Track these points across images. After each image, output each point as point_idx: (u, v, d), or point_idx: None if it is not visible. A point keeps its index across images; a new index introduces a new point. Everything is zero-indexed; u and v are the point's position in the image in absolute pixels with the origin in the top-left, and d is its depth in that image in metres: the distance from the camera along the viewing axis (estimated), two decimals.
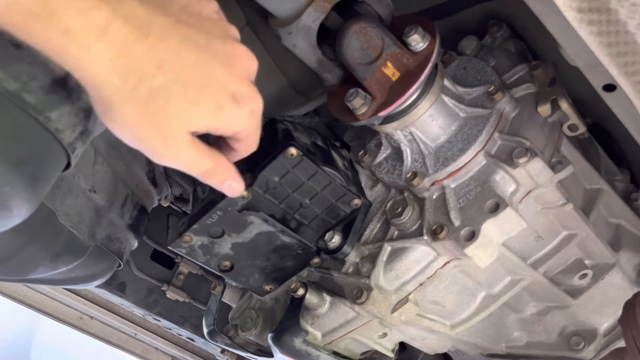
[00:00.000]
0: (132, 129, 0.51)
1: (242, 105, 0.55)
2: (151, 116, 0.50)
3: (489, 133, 0.87)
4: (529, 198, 0.86)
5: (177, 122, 0.52)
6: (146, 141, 0.52)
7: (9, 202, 0.58)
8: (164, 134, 0.51)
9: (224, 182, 0.59)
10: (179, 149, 0.53)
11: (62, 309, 1.79)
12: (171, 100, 0.50)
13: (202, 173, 0.56)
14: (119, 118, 0.50)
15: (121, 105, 0.49)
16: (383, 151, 0.97)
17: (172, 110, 0.51)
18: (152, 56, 0.49)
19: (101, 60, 0.47)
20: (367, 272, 0.89)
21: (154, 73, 0.49)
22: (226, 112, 0.54)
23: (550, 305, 1.03)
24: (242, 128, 0.56)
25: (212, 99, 0.53)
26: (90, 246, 0.95)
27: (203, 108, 0.52)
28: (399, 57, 0.81)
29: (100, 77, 0.47)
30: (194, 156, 0.54)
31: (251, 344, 1.04)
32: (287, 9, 0.77)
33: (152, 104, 0.50)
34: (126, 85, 0.48)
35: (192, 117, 0.52)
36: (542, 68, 0.91)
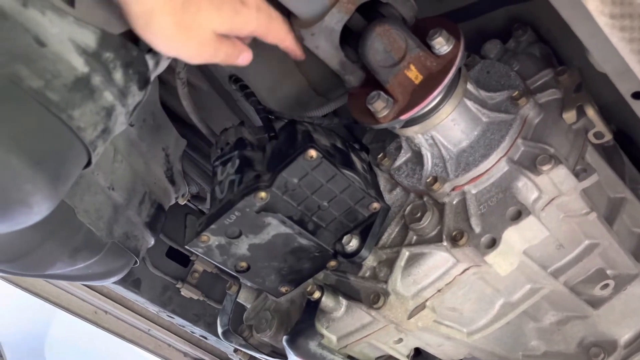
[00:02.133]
0: (171, 38, 0.60)
1: (249, 5, 0.66)
2: (186, 23, 0.59)
3: (512, 139, 0.86)
4: (552, 206, 0.85)
5: (207, 26, 0.62)
6: (184, 46, 0.62)
7: (30, 200, 0.58)
8: (197, 38, 0.62)
9: (239, 56, 0.70)
10: (208, 48, 0.64)
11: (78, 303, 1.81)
12: (202, 7, 0.60)
13: (223, 59, 0.68)
14: (159, 29, 0.58)
15: (161, 16, 0.57)
16: (403, 154, 0.96)
17: (203, 16, 0.61)
18: None
19: None
20: (385, 277, 0.88)
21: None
22: (241, 15, 0.65)
23: (570, 314, 1.01)
24: (256, 26, 0.68)
25: (229, 3, 0.63)
26: (107, 243, 0.96)
27: (224, 12, 0.63)
28: (422, 60, 0.80)
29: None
30: (220, 52, 0.66)
31: (265, 345, 1.04)
32: (310, 10, 0.76)
33: (187, 12, 0.59)
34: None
35: (217, 20, 0.63)
36: (568, 73, 0.89)
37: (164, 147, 1.08)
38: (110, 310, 1.80)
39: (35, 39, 0.55)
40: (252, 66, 1.12)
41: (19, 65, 0.54)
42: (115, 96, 0.64)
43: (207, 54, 0.65)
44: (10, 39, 0.54)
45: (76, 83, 0.58)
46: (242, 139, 0.96)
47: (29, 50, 0.55)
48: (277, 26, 0.72)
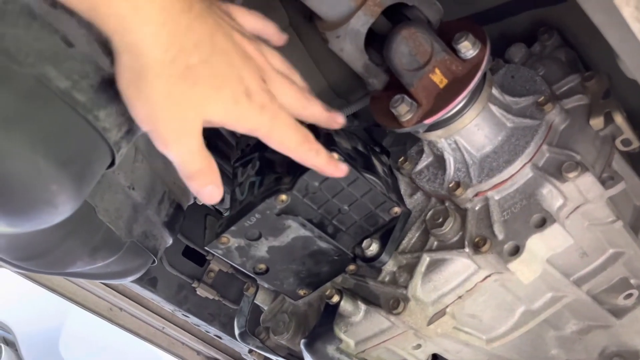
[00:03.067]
0: (154, 105, 0.50)
1: (253, 100, 0.54)
2: (178, 94, 0.49)
3: (537, 145, 0.85)
4: (577, 214, 0.84)
5: (199, 107, 0.51)
6: (161, 121, 0.50)
7: (55, 200, 0.58)
8: (182, 117, 0.51)
9: (206, 186, 0.56)
10: (187, 138, 0.52)
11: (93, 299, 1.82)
12: (199, 82, 0.50)
13: (191, 172, 0.55)
14: (146, 91, 0.49)
15: (155, 77, 0.48)
16: (424, 159, 0.95)
17: (198, 93, 0.50)
18: (192, 32, 0.49)
19: (149, 23, 0.46)
20: (405, 282, 0.87)
21: (192, 50, 0.49)
22: (240, 107, 0.54)
23: (592, 324, 1.00)
24: (254, 125, 0.56)
25: (231, 89, 0.53)
26: (126, 242, 0.96)
27: (222, 97, 0.52)
28: (447, 64, 0.79)
29: (143, 43, 0.46)
30: (195, 151, 0.53)
31: (282, 348, 1.03)
32: (336, 12, 0.76)
33: (183, 82, 0.49)
34: (166, 57, 0.48)
35: (212, 104, 0.52)
36: (595, 79, 0.87)
37: None
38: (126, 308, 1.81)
39: (64, 39, 0.55)
40: None
41: (47, 65, 0.54)
42: None
43: (181, 146, 0.52)
44: (39, 39, 0.54)
45: (102, 84, 0.58)
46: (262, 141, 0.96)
47: (57, 51, 0.55)
48: (282, 133, 0.59)
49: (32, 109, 0.54)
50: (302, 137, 0.60)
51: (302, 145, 0.61)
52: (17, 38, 0.52)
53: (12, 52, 0.52)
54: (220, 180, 0.57)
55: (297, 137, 0.60)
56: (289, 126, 0.59)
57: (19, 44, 0.52)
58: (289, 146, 0.60)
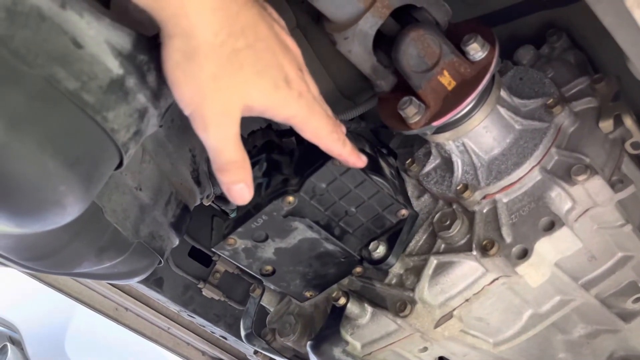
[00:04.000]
0: (200, 85, 0.51)
1: (292, 87, 0.57)
2: (224, 77, 0.51)
3: (545, 147, 0.84)
4: (585, 217, 0.83)
5: (242, 91, 0.53)
6: (206, 102, 0.52)
7: (64, 201, 0.58)
8: (225, 100, 0.52)
9: (238, 183, 0.57)
10: (227, 123, 0.53)
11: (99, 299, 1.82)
12: (244, 66, 0.52)
13: (225, 162, 0.55)
14: (195, 71, 0.51)
15: (204, 58, 0.50)
16: (432, 161, 0.94)
17: (242, 77, 0.52)
18: (241, 18, 0.51)
19: (204, 8, 0.49)
20: (412, 284, 0.87)
21: (239, 35, 0.51)
22: (280, 94, 0.56)
23: (600, 328, 0.99)
24: (292, 112, 0.58)
25: (272, 76, 0.55)
26: (133, 243, 0.96)
27: (264, 83, 0.54)
28: (456, 66, 0.79)
29: (197, 26, 0.49)
30: (232, 138, 0.54)
31: (288, 350, 1.03)
32: (345, 13, 0.75)
33: (229, 64, 0.51)
34: (216, 39, 0.50)
35: (254, 89, 0.54)
36: (605, 82, 0.87)
37: (190, 147, 1.08)
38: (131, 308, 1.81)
39: (73, 40, 0.55)
40: None
41: (56, 67, 0.54)
42: (148, 98, 0.63)
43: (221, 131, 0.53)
44: (48, 40, 0.54)
45: (111, 85, 0.58)
46: (269, 141, 0.96)
47: (66, 52, 0.55)
48: (317, 123, 0.61)
49: (41, 110, 0.54)
50: (333, 126, 0.63)
51: (332, 135, 0.63)
52: (27, 39, 0.53)
53: (22, 53, 0.52)
54: (252, 180, 0.58)
55: (329, 127, 0.62)
56: (322, 115, 0.61)
57: (28, 45, 0.52)
58: (321, 134, 0.62)
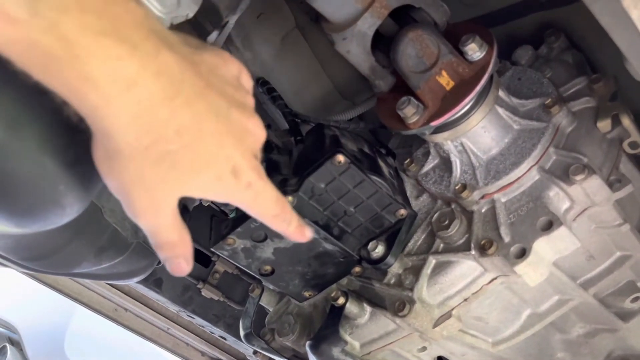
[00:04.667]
0: (126, 185, 0.48)
1: (240, 178, 0.52)
2: (151, 178, 0.47)
3: (544, 147, 0.84)
4: (583, 216, 0.83)
5: (173, 189, 0.49)
6: (133, 198, 0.48)
7: (63, 201, 0.58)
8: (154, 197, 0.48)
9: (175, 259, 0.54)
10: (159, 214, 0.50)
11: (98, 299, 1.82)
12: (177, 166, 0.47)
13: (162, 242, 0.52)
14: (118, 171, 0.47)
15: (127, 160, 0.46)
16: (431, 161, 0.94)
17: (174, 177, 0.48)
18: (174, 120, 0.46)
19: (121, 115, 0.43)
20: (410, 284, 0.87)
21: (172, 137, 0.46)
22: (223, 183, 0.51)
23: (599, 327, 0.99)
24: (237, 200, 0.54)
25: (215, 169, 0.50)
26: (132, 243, 0.96)
27: (204, 178, 0.50)
28: (454, 66, 0.79)
29: (115, 131, 0.44)
30: (167, 224, 0.51)
31: (287, 349, 1.03)
32: (343, 14, 0.75)
33: (157, 166, 0.47)
34: (139, 144, 0.45)
35: (190, 186, 0.49)
36: (603, 82, 0.87)
37: None
38: (131, 308, 1.81)
39: None
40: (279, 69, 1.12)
41: None
42: None
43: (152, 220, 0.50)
44: None
45: None
46: (268, 142, 0.96)
47: None
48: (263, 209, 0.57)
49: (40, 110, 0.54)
50: (280, 208, 0.58)
51: (277, 218, 0.59)
52: None
53: None
54: (191, 254, 0.55)
55: (276, 210, 0.58)
56: (270, 200, 0.57)
57: None
58: (265, 217, 0.58)
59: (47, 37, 0.38)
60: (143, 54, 0.42)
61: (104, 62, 0.41)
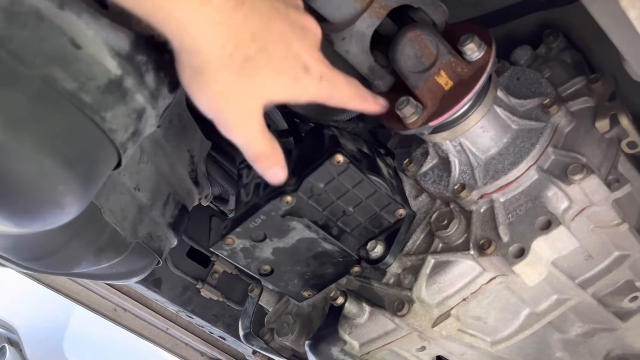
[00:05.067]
0: (216, 97, 0.52)
1: (312, 73, 0.57)
2: (238, 85, 0.52)
3: (542, 147, 0.84)
4: (582, 216, 0.83)
5: (259, 93, 0.54)
6: (225, 110, 0.53)
7: (62, 201, 0.58)
8: (243, 104, 0.53)
9: (271, 168, 0.60)
10: (250, 122, 0.55)
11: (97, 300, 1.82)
12: (258, 70, 0.52)
13: (256, 153, 0.58)
14: (208, 84, 0.52)
15: (215, 71, 0.51)
16: (429, 160, 0.95)
17: (258, 81, 0.53)
18: (248, 25, 0.51)
19: (206, 24, 0.48)
20: (409, 284, 0.87)
21: (248, 42, 0.51)
22: (300, 83, 0.56)
23: (597, 327, 1.00)
24: (315, 95, 0.59)
25: (290, 70, 0.55)
26: (132, 243, 0.96)
27: (283, 79, 0.55)
28: (453, 66, 0.79)
29: (202, 42, 0.49)
30: (258, 133, 0.56)
31: (286, 349, 1.03)
32: (342, 14, 0.76)
33: (242, 72, 0.52)
34: (224, 52, 0.50)
35: (273, 88, 0.55)
36: (601, 81, 0.87)
37: (189, 148, 1.08)
38: (130, 308, 1.81)
39: (71, 41, 0.56)
40: None
41: (54, 67, 0.54)
42: (147, 99, 0.63)
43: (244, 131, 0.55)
44: (46, 41, 0.54)
45: (109, 85, 0.59)
46: None
47: (64, 52, 0.55)
48: (340, 94, 0.63)
49: (39, 110, 0.54)
50: (354, 89, 0.65)
51: (356, 97, 0.66)
52: (25, 40, 0.53)
53: (20, 53, 0.52)
54: (284, 161, 0.61)
55: (350, 92, 0.65)
56: (343, 86, 0.63)
57: (26, 46, 0.53)
58: (344, 102, 0.65)
59: None
60: None
61: None
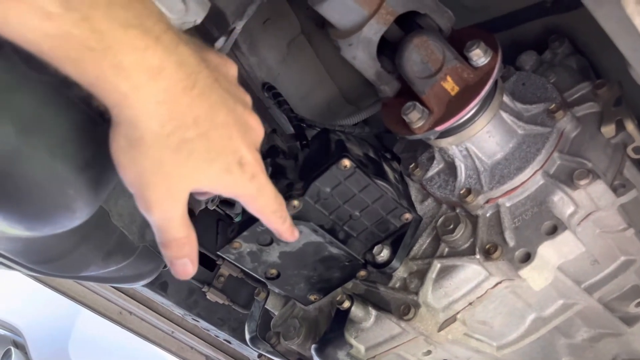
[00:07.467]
0: (145, 172, 0.50)
1: (245, 170, 0.55)
2: (170, 165, 0.49)
3: (548, 152, 0.85)
4: (588, 221, 0.84)
5: (189, 178, 0.51)
6: (150, 187, 0.50)
7: (73, 205, 0.59)
8: (170, 186, 0.50)
9: (181, 258, 0.55)
10: (172, 205, 0.51)
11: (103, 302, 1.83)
12: (193, 155, 0.50)
13: (170, 239, 0.53)
14: (138, 158, 0.49)
15: (149, 147, 0.48)
16: (435, 165, 0.95)
17: (190, 165, 0.50)
18: (193, 110, 0.49)
19: (148, 101, 0.46)
20: (415, 288, 0.88)
21: (190, 125, 0.49)
22: (231, 176, 0.54)
23: (603, 331, 0.99)
24: (242, 192, 0.56)
25: (225, 160, 0.53)
26: (139, 247, 0.97)
27: (215, 169, 0.52)
28: (459, 72, 0.80)
29: (140, 118, 0.47)
30: (178, 218, 0.53)
31: (292, 353, 1.04)
32: (349, 20, 0.76)
33: (176, 154, 0.49)
34: (162, 131, 0.48)
35: (203, 175, 0.52)
36: (607, 87, 0.88)
37: None
38: (135, 311, 1.81)
39: None
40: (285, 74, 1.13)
41: None
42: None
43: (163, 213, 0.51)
44: None
45: None
46: (274, 146, 0.97)
47: None
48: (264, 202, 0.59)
49: (51, 115, 0.55)
50: (278, 205, 0.61)
51: (275, 214, 0.62)
52: None
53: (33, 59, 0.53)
54: (196, 256, 0.56)
55: (274, 206, 0.61)
56: (270, 196, 0.59)
57: None
58: (265, 212, 0.61)
59: (81, 29, 0.41)
60: (165, 45, 0.45)
61: (134, 52, 0.43)
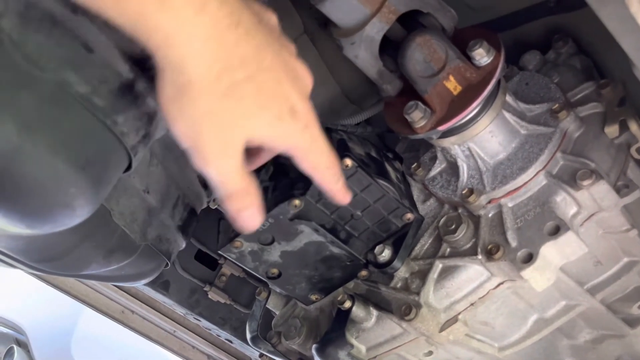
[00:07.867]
0: (197, 122, 0.48)
1: (298, 119, 0.52)
2: (221, 112, 0.47)
3: (551, 152, 0.84)
4: (591, 222, 0.83)
5: (242, 126, 0.49)
6: (204, 137, 0.48)
7: (74, 203, 0.59)
8: (224, 135, 0.49)
9: (246, 209, 0.53)
10: (229, 155, 0.49)
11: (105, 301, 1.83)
12: (244, 99, 0.48)
13: (231, 191, 0.51)
14: (189, 107, 0.47)
15: (198, 92, 0.46)
16: (438, 165, 0.95)
17: (241, 111, 0.48)
18: (240, 48, 0.47)
19: (195, 39, 0.44)
20: (417, 288, 0.87)
21: (237, 66, 0.47)
22: (285, 125, 0.51)
23: (606, 333, 0.99)
24: (295, 143, 0.54)
25: (276, 107, 0.51)
26: (141, 246, 0.97)
27: (267, 115, 0.50)
28: (461, 71, 0.80)
29: (188, 58, 0.45)
30: (236, 169, 0.50)
31: (293, 353, 1.03)
32: (351, 19, 0.76)
33: (227, 99, 0.47)
34: (210, 73, 0.46)
35: (256, 122, 0.50)
36: (611, 87, 0.87)
37: None
38: (137, 310, 1.82)
39: (84, 45, 0.56)
40: None
41: (68, 71, 0.55)
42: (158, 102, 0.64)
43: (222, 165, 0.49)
44: (60, 45, 0.55)
45: (121, 89, 0.59)
46: None
47: (77, 57, 0.56)
48: (318, 156, 0.56)
49: (52, 114, 0.55)
50: (332, 161, 0.58)
51: (330, 170, 0.58)
52: (39, 44, 0.53)
53: (34, 57, 0.53)
54: (260, 204, 0.54)
55: (328, 161, 0.57)
56: (324, 149, 0.56)
57: (40, 50, 0.53)
58: (319, 168, 0.57)
59: None
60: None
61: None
